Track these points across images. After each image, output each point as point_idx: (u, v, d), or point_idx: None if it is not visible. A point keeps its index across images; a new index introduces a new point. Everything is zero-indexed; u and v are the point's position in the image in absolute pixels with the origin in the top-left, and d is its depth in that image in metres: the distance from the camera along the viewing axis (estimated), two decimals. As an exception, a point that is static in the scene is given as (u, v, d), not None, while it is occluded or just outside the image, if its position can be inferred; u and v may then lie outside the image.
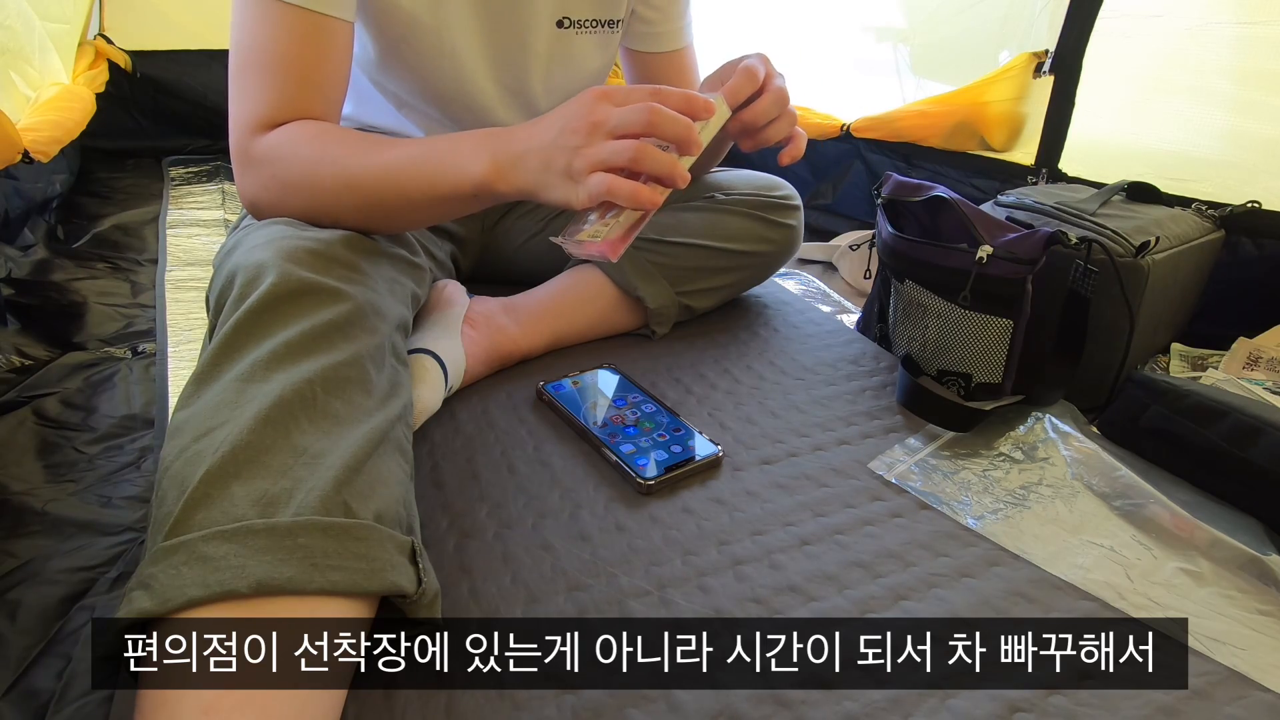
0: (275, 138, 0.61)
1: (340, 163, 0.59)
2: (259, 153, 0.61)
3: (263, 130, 0.61)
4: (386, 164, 0.59)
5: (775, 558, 0.57)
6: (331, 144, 0.60)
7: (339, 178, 0.59)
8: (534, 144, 0.55)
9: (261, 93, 0.61)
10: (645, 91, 0.53)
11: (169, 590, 0.37)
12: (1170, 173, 1.03)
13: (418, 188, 0.59)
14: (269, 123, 0.61)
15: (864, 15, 1.64)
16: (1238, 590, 0.57)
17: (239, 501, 0.40)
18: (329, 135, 0.61)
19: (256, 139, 0.61)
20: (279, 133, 0.61)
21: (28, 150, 1.23)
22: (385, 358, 0.54)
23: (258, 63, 0.61)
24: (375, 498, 0.44)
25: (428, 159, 0.59)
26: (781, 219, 0.89)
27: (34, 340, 0.96)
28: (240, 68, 0.62)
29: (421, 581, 0.44)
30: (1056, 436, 0.73)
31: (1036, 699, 0.46)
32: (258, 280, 0.51)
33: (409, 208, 0.61)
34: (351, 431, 0.47)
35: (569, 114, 0.54)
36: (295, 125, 0.62)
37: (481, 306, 0.79)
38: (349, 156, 0.60)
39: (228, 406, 0.44)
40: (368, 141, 0.61)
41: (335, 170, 0.59)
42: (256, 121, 0.61)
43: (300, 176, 0.60)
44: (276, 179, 0.61)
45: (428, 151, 0.59)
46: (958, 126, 1.32)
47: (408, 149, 0.60)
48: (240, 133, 0.62)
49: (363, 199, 0.60)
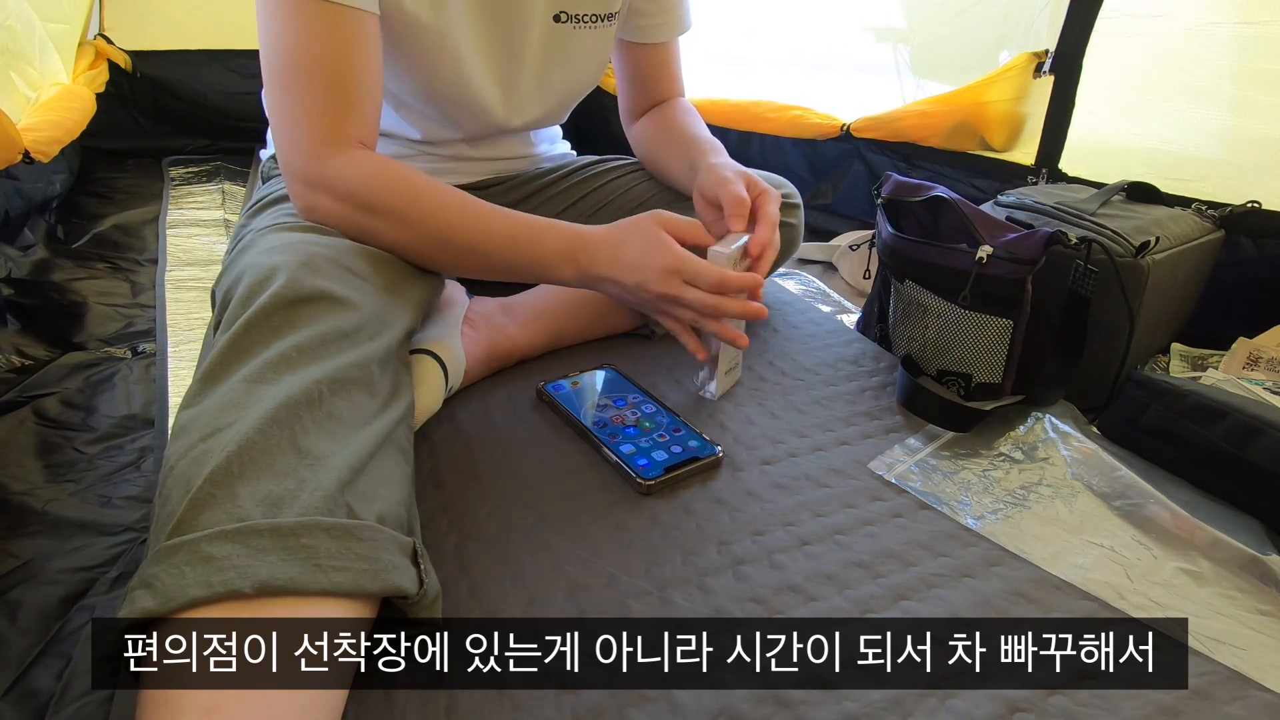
0: (354, 170, 0.63)
1: (432, 212, 0.65)
2: (333, 178, 0.63)
3: (330, 150, 0.62)
4: (480, 234, 0.66)
5: (775, 558, 0.57)
6: (424, 188, 0.65)
7: (427, 225, 0.65)
8: (614, 274, 0.65)
9: (314, 103, 0.62)
10: (712, 280, 0.63)
11: (171, 590, 0.37)
12: (1170, 173, 1.03)
13: (508, 269, 0.68)
14: (333, 139, 0.62)
15: (864, 15, 1.64)
16: (1238, 590, 0.57)
17: (243, 502, 0.40)
18: (417, 178, 0.65)
19: (327, 161, 0.62)
20: (354, 161, 0.63)
21: (28, 150, 1.23)
22: (390, 360, 0.55)
23: (298, 67, 0.61)
24: (378, 499, 0.45)
25: (518, 247, 0.66)
26: (783, 217, 0.89)
27: (34, 340, 0.96)
28: (280, 75, 0.62)
29: (423, 582, 0.44)
30: (1056, 436, 0.73)
31: (1036, 699, 0.46)
32: (268, 282, 0.52)
33: (486, 270, 0.69)
34: (355, 433, 0.47)
35: (646, 275, 0.64)
36: (371, 156, 0.64)
37: (480, 306, 0.79)
38: (442, 209, 0.65)
39: (235, 407, 0.44)
40: (456, 198, 0.66)
41: (425, 217, 0.64)
42: (320, 139, 0.62)
43: (390, 208, 0.63)
44: (357, 200, 0.63)
45: (516, 240, 0.66)
46: (958, 126, 1.32)
47: (499, 225, 0.66)
48: (303, 151, 0.63)
49: (445, 250, 0.66)
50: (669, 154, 0.87)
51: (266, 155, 0.89)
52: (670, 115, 0.90)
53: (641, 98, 0.93)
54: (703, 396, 0.76)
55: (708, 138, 0.84)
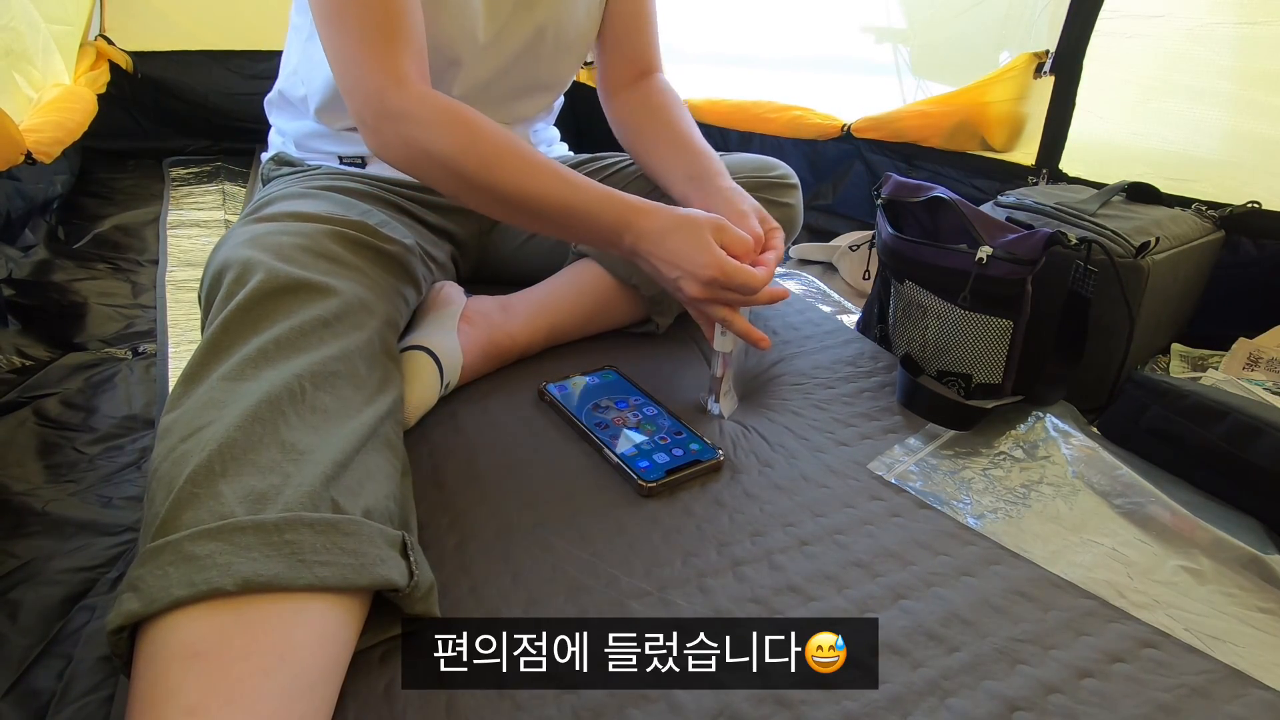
0: (417, 105, 0.63)
1: (486, 165, 0.64)
2: (398, 110, 0.63)
3: (394, 84, 0.62)
4: (534, 194, 0.64)
5: (775, 558, 0.57)
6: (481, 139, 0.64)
7: (481, 178, 0.64)
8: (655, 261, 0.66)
9: (370, 43, 0.62)
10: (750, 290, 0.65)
11: (155, 591, 0.36)
12: (1170, 173, 1.02)
13: (553, 227, 0.68)
14: (395, 75, 0.62)
15: (864, 16, 1.64)
16: (1238, 588, 0.57)
17: (226, 499, 0.39)
18: (476, 128, 0.64)
19: (391, 95, 0.62)
20: (419, 100, 0.63)
21: (30, 151, 1.23)
22: (375, 353, 0.54)
23: (348, 7, 0.62)
24: (364, 493, 0.44)
25: (569, 211, 0.65)
26: (780, 198, 0.88)
27: (35, 341, 0.96)
28: (333, 17, 0.63)
29: (413, 575, 0.43)
30: (1057, 435, 0.73)
31: (1036, 698, 0.46)
32: (245, 277, 0.51)
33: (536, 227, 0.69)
34: (340, 427, 0.46)
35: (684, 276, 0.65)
36: (434, 98, 0.64)
37: (478, 304, 0.79)
38: (496, 163, 0.64)
39: (214, 406, 0.44)
40: (513, 153, 0.65)
41: (480, 169, 0.63)
42: (383, 76, 0.62)
43: (446, 156, 0.63)
44: (417, 144, 0.63)
45: (569, 208, 0.65)
46: (958, 127, 1.32)
47: (553, 186, 0.65)
48: (369, 91, 0.63)
49: (499, 205, 0.66)
50: (662, 153, 0.85)
51: (267, 157, 0.89)
52: (656, 102, 0.87)
53: (619, 62, 0.89)
54: (711, 415, 0.75)
55: (707, 149, 0.83)
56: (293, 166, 0.84)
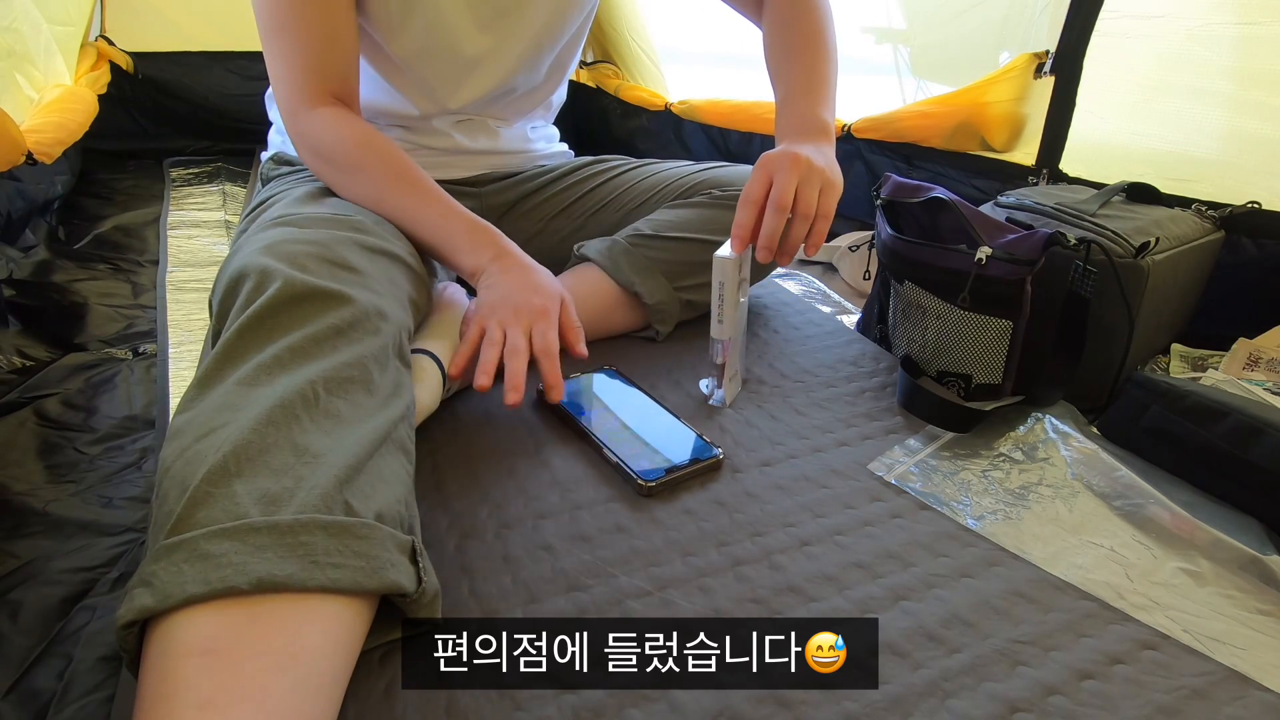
0: (320, 127, 0.72)
1: (373, 187, 0.72)
2: (303, 129, 0.73)
3: (306, 102, 0.71)
4: (404, 214, 0.71)
5: (775, 559, 0.57)
6: (371, 163, 0.72)
7: (369, 199, 0.72)
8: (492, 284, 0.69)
9: (292, 56, 0.71)
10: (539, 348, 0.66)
11: (169, 587, 0.37)
12: (1170, 173, 1.02)
13: (422, 243, 0.72)
14: (306, 97, 0.71)
15: (864, 16, 1.64)
16: (1238, 590, 0.57)
17: (241, 500, 0.40)
18: (369, 151, 0.72)
19: (301, 114, 0.72)
20: (323, 121, 0.72)
21: (31, 151, 1.23)
22: (389, 358, 0.55)
23: (279, 25, 0.71)
24: (376, 497, 0.45)
25: (435, 234, 0.71)
26: None
27: (35, 341, 0.96)
28: (266, 36, 0.72)
29: (421, 581, 0.44)
30: (1056, 437, 0.73)
31: (1036, 699, 0.46)
32: (263, 286, 0.52)
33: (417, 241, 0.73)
34: (353, 431, 0.47)
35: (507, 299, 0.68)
36: (338, 119, 0.72)
37: (481, 308, 0.79)
38: (382, 187, 0.72)
39: (229, 409, 0.44)
40: (400, 178, 0.72)
41: (367, 191, 0.72)
42: (296, 96, 0.72)
43: (337, 177, 0.73)
44: (319, 158, 0.74)
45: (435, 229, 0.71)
46: (959, 127, 1.32)
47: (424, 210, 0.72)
48: (286, 99, 0.72)
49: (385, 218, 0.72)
50: (772, 73, 0.85)
51: (267, 157, 0.89)
52: (778, 11, 0.86)
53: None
54: (711, 405, 0.76)
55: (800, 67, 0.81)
56: (292, 166, 0.84)
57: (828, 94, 0.79)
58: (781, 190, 0.66)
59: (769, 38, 0.85)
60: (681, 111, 1.75)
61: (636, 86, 1.89)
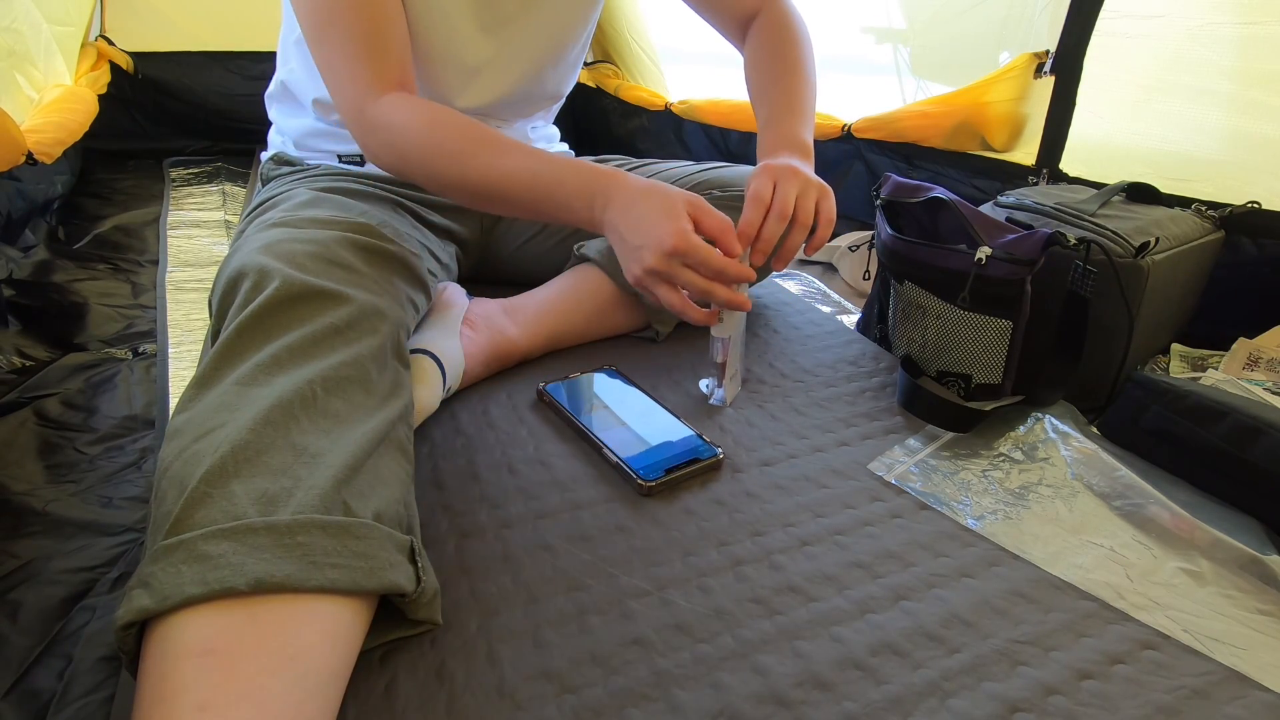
0: (390, 113, 0.67)
1: (456, 159, 0.67)
2: (373, 120, 0.67)
3: (371, 95, 0.67)
4: (501, 176, 0.66)
5: (775, 558, 0.57)
6: (448, 137, 0.67)
7: (453, 173, 0.67)
8: (620, 225, 0.63)
9: (346, 46, 0.67)
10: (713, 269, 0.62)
11: (168, 588, 0.37)
12: (1170, 173, 1.02)
13: (524, 206, 0.67)
14: (372, 87, 0.67)
15: (864, 16, 1.64)
16: (1238, 590, 0.57)
17: (239, 500, 0.40)
18: (443, 126, 0.67)
19: (368, 107, 0.67)
20: (392, 107, 0.67)
21: (32, 151, 1.23)
22: (387, 358, 0.55)
23: (328, 19, 0.67)
24: (375, 497, 0.45)
25: (535, 185, 0.66)
26: None
27: (35, 341, 0.96)
28: (316, 34, 0.68)
29: (420, 581, 0.44)
30: (1056, 437, 0.73)
31: (1036, 699, 0.46)
32: (261, 285, 0.52)
33: (512, 211, 0.69)
34: (352, 431, 0.47)
35: (648, 244, 0.61)
36: (406, 103, 0.67)
37: (480, 308, 0.79)
38: (464, 155, 0.66)
39: (227, 409, 0.44)
40: (480, 142, 0.67)
41: (450, 165, 0.67)
42: (362, 88, 0.67)
43: (419, 159, 0.68)
44: (394, 149, 0.68)
45: (535, 177, 0.66)
46: (959, 127, 1.32)
47: (521, 164, 0.66)
48: (350, 102, 0.68)
49: (471, 195, 0.68)
50: (754, 94, 0.84)
51: (267, 157, 0.89)
52: (760, 37, 0.86)
53: (722, 13, 0.88)
54: (711, 404, 0.76)
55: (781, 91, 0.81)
56: (292, 166, 0.84)
57: (808, 119, 0.80)
58: (784, 197, 0.66)
59: (753, 62, 0.86)
60: (681, 111, 1.75)
61: (636, 86, 1.89)
